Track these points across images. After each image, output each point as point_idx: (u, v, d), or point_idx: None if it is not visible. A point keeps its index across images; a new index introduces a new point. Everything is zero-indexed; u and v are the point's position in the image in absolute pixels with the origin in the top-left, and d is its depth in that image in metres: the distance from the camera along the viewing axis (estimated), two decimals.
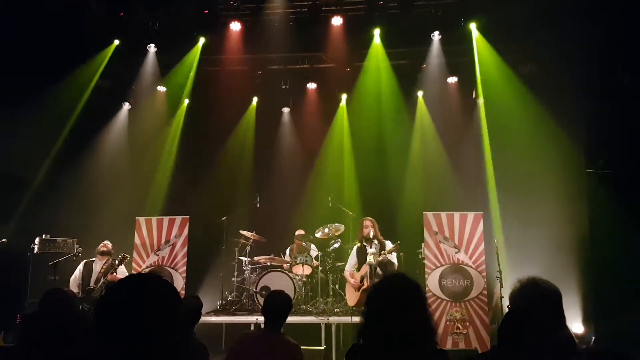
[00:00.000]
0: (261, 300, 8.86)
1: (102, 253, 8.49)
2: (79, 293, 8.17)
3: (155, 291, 1.59)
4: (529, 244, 9.07)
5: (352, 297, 8.55)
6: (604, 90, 8.83)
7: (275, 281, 8.97)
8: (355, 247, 8.77)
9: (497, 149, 10.10)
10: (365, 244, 8.46)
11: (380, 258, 8.18)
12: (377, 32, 10.34)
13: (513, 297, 2.63)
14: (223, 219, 9.98)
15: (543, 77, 9.70)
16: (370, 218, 8.59)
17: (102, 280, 8.13)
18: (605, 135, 8.70)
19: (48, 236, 9.48)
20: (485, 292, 8.77)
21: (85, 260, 8.63)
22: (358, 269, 8.55)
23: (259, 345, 4.16)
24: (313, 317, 8.56)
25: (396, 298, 2.52)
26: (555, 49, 9.27)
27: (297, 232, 9.95)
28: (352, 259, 8.77)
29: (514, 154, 9.86)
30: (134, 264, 9.59)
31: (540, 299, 2.56)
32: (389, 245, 8.39)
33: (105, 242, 8.64)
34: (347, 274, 8.77)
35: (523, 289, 2.61)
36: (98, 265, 8.43)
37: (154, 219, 9.93)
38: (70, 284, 8.37)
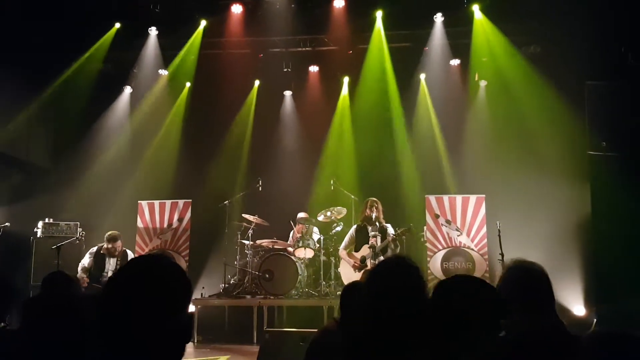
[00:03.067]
0: (264, 284, 8.95)
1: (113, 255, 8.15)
2: (87, 281, 7.94)
3: (163, 273, 1.57)
4: (531, 227, 9.07)
5: (350, 278, 8.22)
6: (609, 71, 8.74)
7: (278, 264, 9.01)
8: (354, 227, 8.52)
9: (499, 132, 10.06)
10: (366, 224, 8.28)
11: (384, 242, 8.05)
12: (379, 14, 10.24)
13: (500, 284, 2.53)
14: (226, 202, 9.95)
15: (547, 58, 9.63)
16: (374, 199, 8.38)
17: None
18: (608, 117, 8.64)
19: (51, 220, 9.53)
20: (487, 274, 8.80)
21: (95, 250, 8.22)
22: (356, 250, 8.37)
23: None
24: (316, 300, 8.61)
25: (394, 283, 2.43)
26: (559, 30, 9.19)
27: (298, 215, 9.93)
28: (350, 238, 8.48)
29: (516, 136, 9.83)
30: (136, 247, 9.65)
31: (524, 283, 2.47)
32: (390, 229, 8.23)
33: (115, 243, 8.11)
34: (343, 253, 8.46)
35: (508, 274, 2.53)
36: (111, 263, 8.12)
37: (156, 203, 9.96)
38: (79, 271, 8.12)
